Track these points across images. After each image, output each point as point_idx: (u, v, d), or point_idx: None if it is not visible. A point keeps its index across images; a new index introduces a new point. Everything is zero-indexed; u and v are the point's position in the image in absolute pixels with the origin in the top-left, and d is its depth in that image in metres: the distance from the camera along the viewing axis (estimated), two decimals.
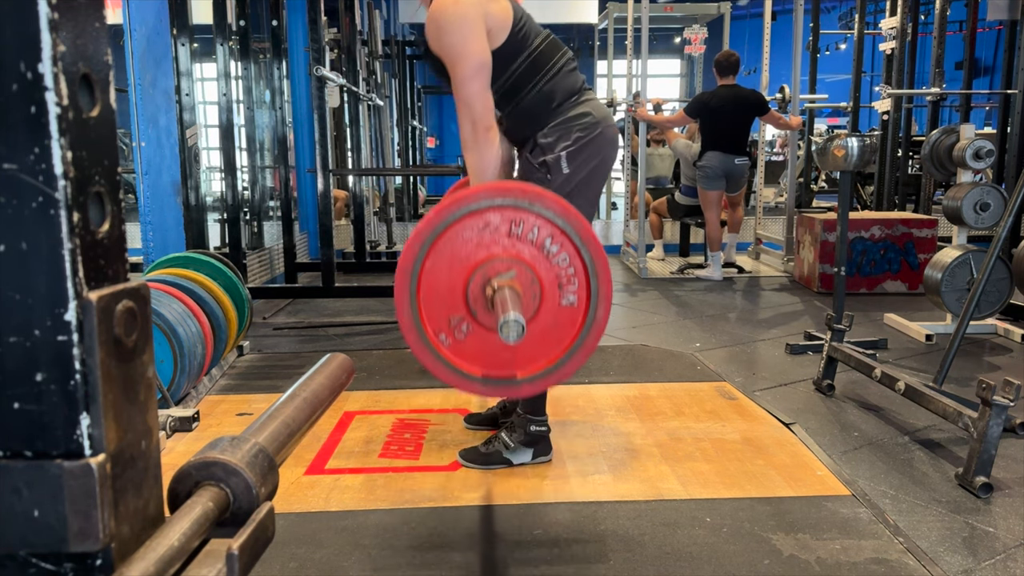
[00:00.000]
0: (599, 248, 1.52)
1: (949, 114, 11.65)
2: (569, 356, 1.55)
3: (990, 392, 2.02)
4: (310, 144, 5.77)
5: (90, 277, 0.49)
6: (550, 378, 1.56)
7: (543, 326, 1.54)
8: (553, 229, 1.50)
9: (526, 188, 1.51)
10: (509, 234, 1.50)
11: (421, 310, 1.52)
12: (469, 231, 1.50)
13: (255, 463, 0.63)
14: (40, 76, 0.46)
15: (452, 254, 1.50)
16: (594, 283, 1.52)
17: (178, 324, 2.50)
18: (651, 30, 5.81)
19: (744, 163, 5.37)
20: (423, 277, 1.51)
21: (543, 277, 1.51)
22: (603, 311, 1.53)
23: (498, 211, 1.49)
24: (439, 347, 1.54)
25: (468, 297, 1.51)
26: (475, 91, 1.89)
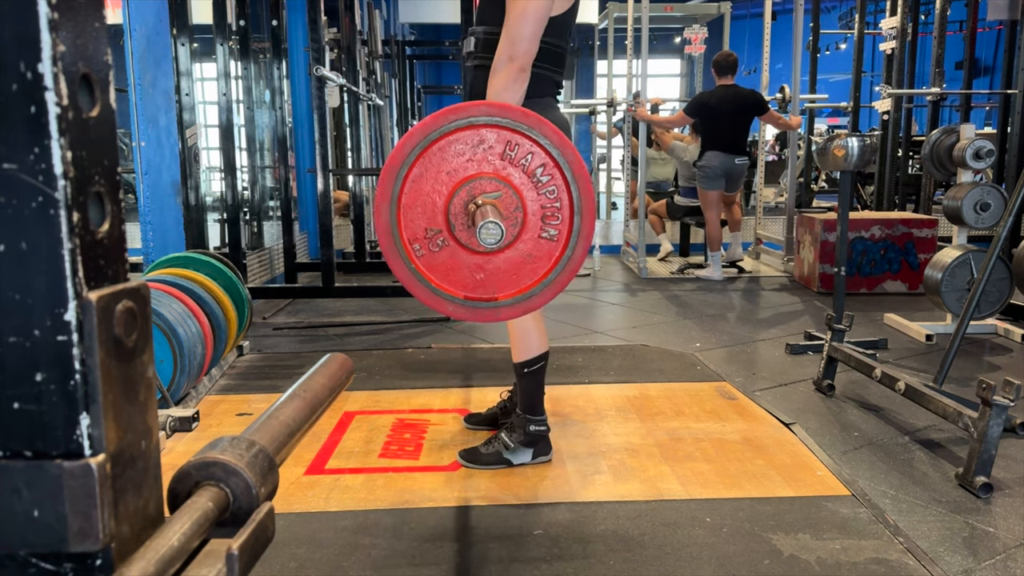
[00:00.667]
0: (589, 186, 1.49)
1: (949, 114, 11.65)
2: (540, 288, 1.52)
3: (990, 392, 2.02)
4: (310, 144, 5.78)
5: (90, 277, 0.49)
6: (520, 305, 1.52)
7: (519, 255, 1.51)
8: (547, 158, 1.47)
9: (528, 112, 1.47)
10: (503, 155, 1.47)
11: (400, 215, 1.49)
12: (463, 144, 1.47)
13: (255, 463, 0.63)
14: (40, 76, 0.46)
15: (441, 165, 1.47)
16: (577, 220, 1.50)
17: (178, 324, 2.50)
18: (651, 30, 5.81)
19: (744, 163, 5.38)
20: (408, 183, 1.48)
21: (527, 206, 1.49)
22: (580, 250, 1.51)
23: (496, 129, 1.46)
24: (411, 256, 1.51)
25: (450, 211, 1.48)
26: (528, 31, 1.86)
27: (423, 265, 1.52)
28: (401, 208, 1.49)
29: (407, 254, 1.51)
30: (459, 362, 3.30)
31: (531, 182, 1.49)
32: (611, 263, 6.39)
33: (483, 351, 3.48)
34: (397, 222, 1.49)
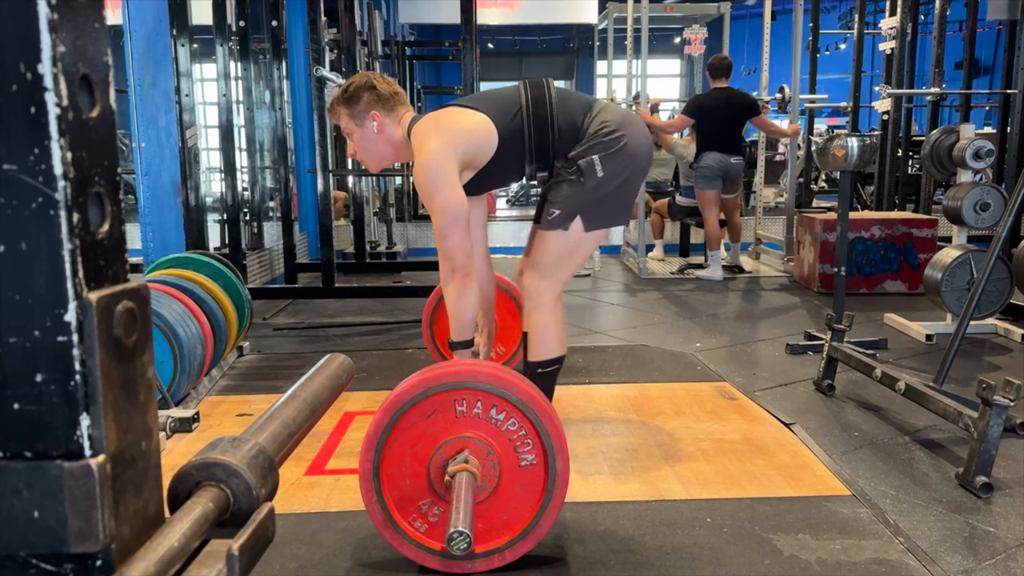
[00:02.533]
0: (542, 406, 1.58)
1: (949, 114, 11.65)
2: (542, 512, 1.61)
3: (990, 392, 2.02)
4: (310, 144, 5.78)
5: (90, 278, 0.49)
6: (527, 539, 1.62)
7: (511, 489, 1.61)
8: (494, 399, 1.57)
9: (458, 369, 1.59)
10: (456, 414, 1.58)
11: (390, 505, 1.60)
12: (416, 421, 1.58)
13: (255, 464, 0.63)
14: (40, 77, 0.46)
15: (405, 447, 1.59)
16: (546, 439, 1.59)
17: (178, 325, 2.50)
18: (651, 30, 5.81)
19: (739, 162, 5.41)
20: (384, 474, 1.59)
21: (496, 445, 1.59)
22: (562, 463, 1.60)
23: (436, 397, 1.57)
24: (415, 535, 1.61)
25: (431, 481, 1.59)
26: (454, 243, 2.03)
27: (427, 537, 1.62)
28: (388, 499, 1.60)
29: (411, 534, 1.61)
30: None
31: (491, 425, 1.59)
32: (611, 263, 6.40)
33: None
34: (390, 512, 1.60)
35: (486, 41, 17.18)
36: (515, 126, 2.12)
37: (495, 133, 2.10)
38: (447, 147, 2.03)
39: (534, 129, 2.12)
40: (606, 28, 7.90)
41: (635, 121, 2.19)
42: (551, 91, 2.17)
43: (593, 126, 2.13)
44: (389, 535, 1.60)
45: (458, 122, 2.10)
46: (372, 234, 6.64)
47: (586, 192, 2.12)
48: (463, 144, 2.06)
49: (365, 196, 5.98)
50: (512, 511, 1.61)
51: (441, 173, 2.00)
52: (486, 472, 1.57)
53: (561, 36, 18.31)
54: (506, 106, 2.14)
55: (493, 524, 1.61)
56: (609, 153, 2.10)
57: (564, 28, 17.36)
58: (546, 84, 2.19)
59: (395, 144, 2.18)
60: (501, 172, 2.18)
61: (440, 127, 2.08)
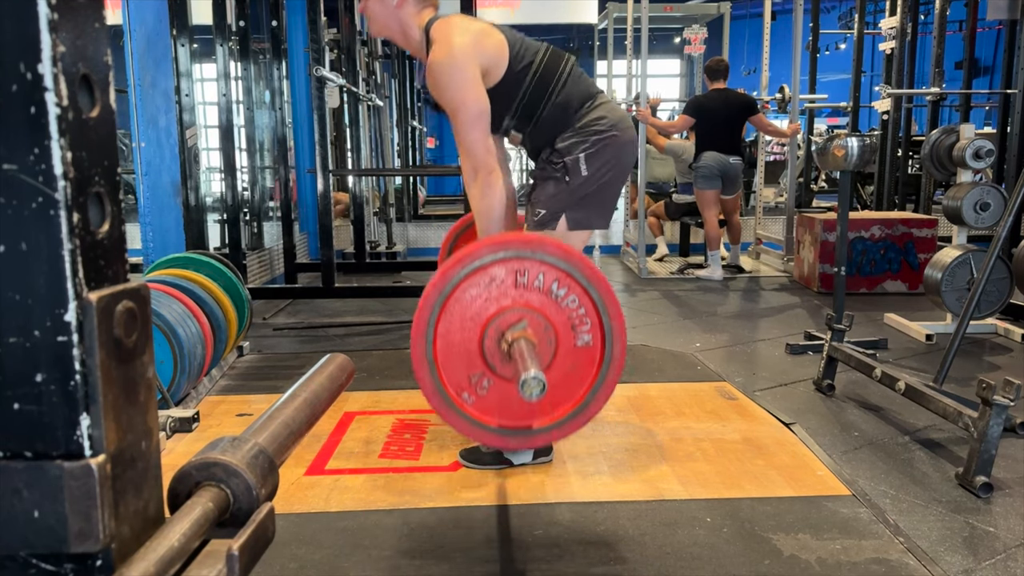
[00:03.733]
0: (606, 285, 1.53)
1: (949, 114, 11.64)
2: (592, 395, 1.56)
3: (990, 392, 2.02)
4: (310, 145, 5.77)
5: (90, 278, 0.49)
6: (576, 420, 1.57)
7: (563, 369, 1.55)
8: (558, 273, 1.51)
9: (526, 237, 1.54)
10: (516, 285, 1.52)
11: (441, 373, 1.54)
12: (476, 288, 1.52)
13: (255, 464, 0.63)
14: (40, 76, 0.46)
15: (462, 313, 1.53)
16: (606, 320, 1.53)
17: (178, 325, 2.50)
18: (651, 30, 5.81)
19: (738, 162, 5.42)
20: (438, 340, 1.53)
21: (555, 321, 1.53)
22: (619, 348, 1.54)
23: (501, 264, 1.51)
24: (463, 406, 1.56)
25: (485, 353, 1.53)
26: (475, 138, 1.97)
27: (476, 410, 1.56)
28: (440, 365, 1.53)
29: (459, 406, 1.55)
30: None
31: (550, 299, 1.53)
32: (611, 263, 6.40)
33: None
34: (440, 380, 1.54)
35: None
36: (519, 76, 2.07)
37: (505, 66, 2.05)
38: (473, 47, 1.97)
39: (532, 90, 2.08)
40: (606, 28, 7.89)
41: (629, 125, 2.17)
42: (567, 68, 2.13)
43: (588, 117, 2.10)
44: (436, 403, 1.54)
45: (484, 31, 2.05)
46: (372, 234, 6.64)
47: (571, 191, 2.10)
48: (485, 53, 2.01)
49: (365, 196, 5.98)
50: (561, 391, 1.55)
51: (464, 70, 1.95)
52: (541, 348, 1.50)
53: (561, 36, 18.31)
54: (524, 52, 2.09)
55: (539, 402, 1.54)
56: (595, 151, 2.08)
57: (564, 28, 17.35)
58: (566, 60, 2.15)
59: (406, 28, 2.09)
60: None
61: (466, 29, 2.01)
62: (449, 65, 1.95)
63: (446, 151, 17.91)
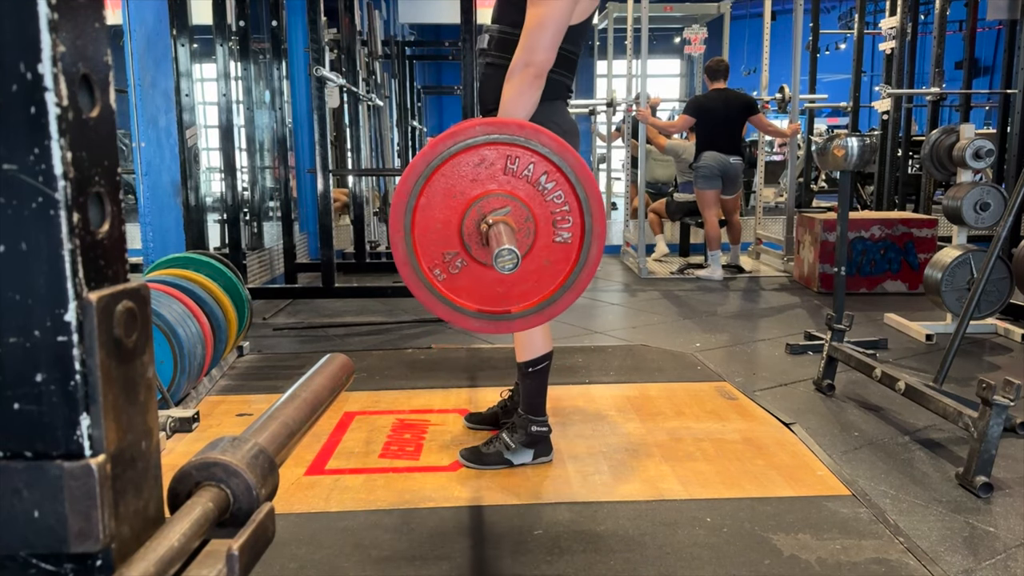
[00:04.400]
0: (594, 186, 1.51)
1: (949, 114, 11.65)
2: (561, 292, 1.54)
3: (990, 392, 2.02)
4: (310, 144, 5.77)
5: (90, 278, 0.49)
6: (542, 314, 1.54)
7: (537, 262, 1.53)
8: (549, 166, 1.48)
9: (523, 124, 1.50)
10: (505, 170, 1.49)
11: (416, 245, 1.51)
12: (465, 166, 1.48)
13: (255, 464, 0.63)
14: (40, 77, 0.46)
15: (447, 189, 1.49)
16: (588, 221, 1.51)
17: (178, 325, 2.50)
18: (651, 30, 5.81)
19: (739, 162, 5.42)
20: (418, 212, 1.49)
21: (537, 214, 1.50)
22: (596, 249, 1.52)
23: (494, 146, 1.47)
24: (433, 281, 1.53)
25: (463, 232, 1.50)
26: (546, 40, 1.86)
27: (445, 288, 1.54)
28: (416, 237, 1.51)
29: (429, 280, 1.53)
30: (459, 362, 3.30)
31: (536, 191, 1.50)
32: (611, 263, 6.39)
33: (483, 351, 3.48)
34: (415, 251, 1.51)
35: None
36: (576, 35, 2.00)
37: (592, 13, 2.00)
38: None
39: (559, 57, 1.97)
40: (606, 28, 7.90)
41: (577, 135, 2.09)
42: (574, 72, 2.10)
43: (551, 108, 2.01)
44: (406, 272, 1.52)
45: None
46: (372, 234, 6.64)
47: None
48: None
49: (365, 196, 5.98)
50: (531, 283, 1.54)
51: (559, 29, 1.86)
52: (519, 237, 1.48)
53: None
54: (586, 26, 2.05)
55: (508, 291, 1.54)
56: None
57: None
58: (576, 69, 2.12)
59: None
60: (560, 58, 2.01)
61: None
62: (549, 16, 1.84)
63: None
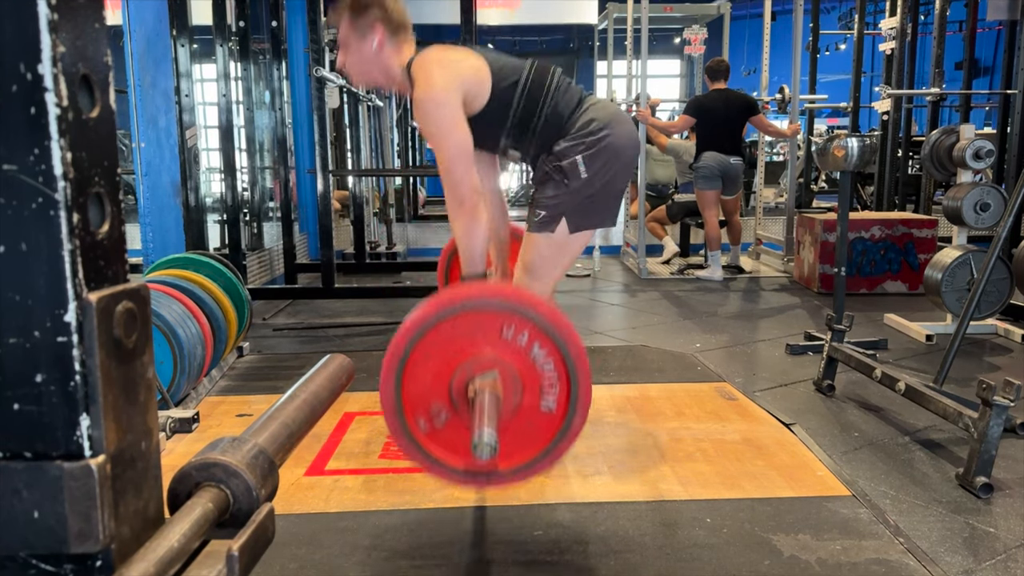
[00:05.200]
0: (584, 360, 1.56)
1: (949, 114, 11.65)
2: (541, 458, 1.58)
3: (990, 392, 2.02)
4: (310, 145, 5.78)
5: (90, 278, 0.49)
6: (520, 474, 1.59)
7: (519, 426, 1.58)
8: (542, 337, 1.54)
9: (521, 294, 1.57)
10: (500, 335, 1.55)
11: (404, 393, 1.57)
12: (462, 327, 1.55)
13: (255, 464, 0.63)
14: (40, 77, 0.46)
15: (442, 345, 1.56)
16: (575, 392, 1.56)
17: (178, 325, 2.50)
18: (651, 30, 5.81)
19: (739, 163, 5.41)
20: (410, 363, 1.56)
21: (526, 380, 1.56)
22: (579, 420, 1.57)
23: (492, 313, 1.54)
24: (415, 430, 1.58)
25: (451, 389, 1.56)
26: (460, 174, 1.99)
27: (426, 438, 1.59)
28: (406, 385, 1.56)
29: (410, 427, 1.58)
30: None
31: (528, 359, 1.56)
32: (611, 263, 6.39)
33: None
34: (402, 399, 1.56)
35: (486, 41, 17.18)
36: (507, 94, 2.09)
37: (489, 89, 2.08)
38: (454, 81, 2.00)
39: (523, 106, 2.10)
40: (606, 28, 7.89)
41: (623, 119, 2.17)
42: (554, 79, 2.15)
43: (580, 120, 2.12)
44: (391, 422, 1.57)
45: (463, 61, 2.08)
46: (372, 234, 6.64)
47: (571, 193, 2.11)
48: (466, 83, 2.04)
49: (365, 196, 5.97)
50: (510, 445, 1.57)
51: (447, 107, 1.98)
52: (505, 400, 1.53)
53: (561, 36, 18.32)
54: (507, 72, 2.11)
55: None
56: (592, 152, 2.09)
57: (564, 28, 17.36)
58: (552, 72, 2.17)
59: (388, 70, 2.13)
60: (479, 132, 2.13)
61: (445, 63, 2.04)
62: (431, 102, 1.98)
63: None
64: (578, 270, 5.87)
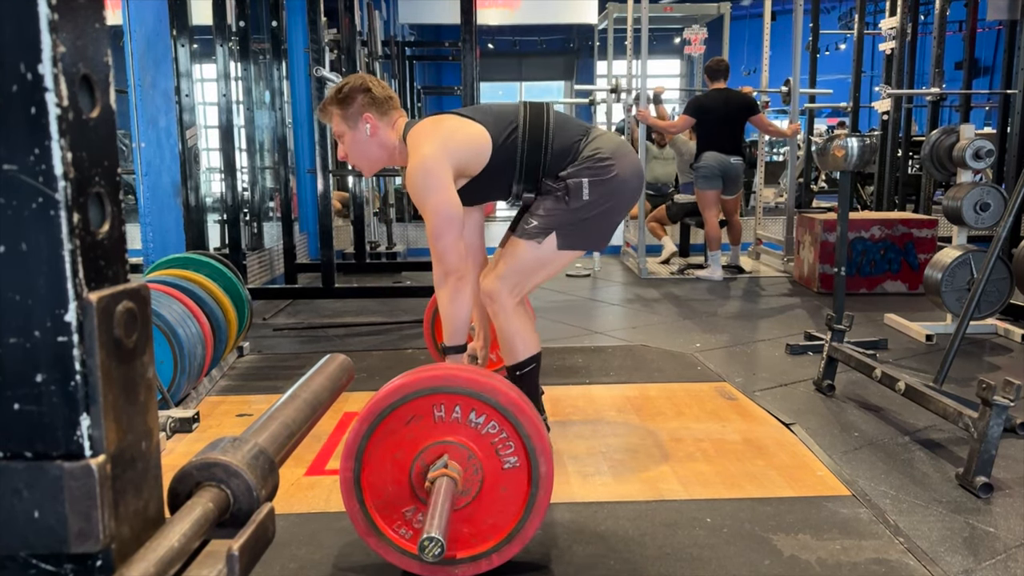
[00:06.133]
0: (522, 407, 1.56)
1: (949, 114, 11.65)
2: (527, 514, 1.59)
3: (990, 392, 2.02)
4: (310, 145, 5.78)
5: (90, 278, 0.49)
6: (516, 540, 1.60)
7: (496, 492, 1.59)
8: (473, 403, 1.55)
9: (434, 373, 1.57)
10: (435, 420, 1.56)
11: (373, 513, 1.58)
12: (395, 427, 1.56)
13: (255, 464, 0.63)
14: (40, 77, 0.46)
15: (385, 453, 1.57)
16: (528, 442, 1.56)
17: (178, 325, 2.50)
18: (651, 30, 5.81)
19: (739, 162, 5.41)
20: (365, 481, 1.57)
21: (478, 450, 1.57)
22: (546, 466, 1.57)
23: (414, 402, 1.55)
24: (401, 542, 1.59)
25: (413, 488, 1.57)
26: (447, 244, 2.03)
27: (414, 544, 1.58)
28: (371, 506, 1.58)
29: (395, 541, 1.59)
30: None
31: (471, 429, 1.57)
32: (611, 263, 6.39)
33: None
34: (373, 519, 1.58)
35: (486, 41, 17.18)
36: (509, 143, 2.13)
37: (490, 145, 2.11)
38: (442, 151, 2.03)
39: (527, 150, 2.13)
40: (606, 28, 7.89)
41: (627, 152, 2.20)
42: (550, 116, 2.18)
43: (587, 151, 2.15)
44: (373, 542, 1.59)
45: (455, 128, 2.11)
46: (372, 234, 6.64)
47: (568, 211, 2.13)
48: (458, 151, 2.07)
49: (365, 196, 5.97)
50: (497, 515, 1.60)
51: (435, 176, 2.01)
52: (468, 476, 1.55)
53: (561, 36, 18.32)
54: (504, 122, 2.14)
55: (479, 528, 1.60)
56: (598, 180, 2.12)
57: (564, 28, 17.35)
58: (546, 109, 2.20)
59: (388, 147, 2.17)
60: (488, 186, 2.18)
61: (436, 132, 2.09)
62: (420, 173, 2.01)
63: None
64: (578, 270, 5.87)
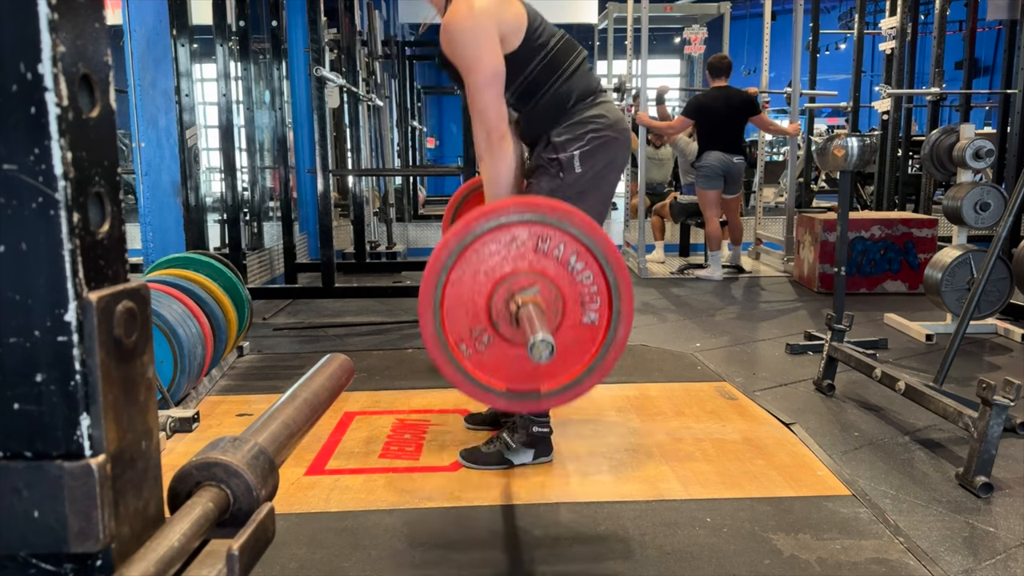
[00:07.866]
0: (623, 268, 1.52)
1: (949, 114, 11.65)
2: (588, 373, 1.55)
3: (990, 392, 2.02)
4: (310, 144, 5.77)
5: (90, 278, 0.49)
6: (568, 393, 1.56)
7: (563, 342, 1.54)
8: (579, 247, 1.51)
9: (555, 205, 1.52)
10: (535, 249, 1.51)
11: (444, 320, 1.53)
12: (496, 244, 1.51)
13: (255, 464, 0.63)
14: (40, 77, 0.46)
15: (477, 266, 1.51)
16: (616, 303, 1.52)
17: (178, 325, 2.50)
18: (651, 30, 5.81)
19: (741, 162, 5.40)
20: (448, 288, 1.52)
21: (566, 294, 1.52)
22: (623, 330, 1.54)
23: (526, 226, 1.50)
24: (460, 358, 1.54)
25: (491, 310, 1.52)
26: (489, 100, 1.92)
27: (472, 364, 1.55)
28: (444, 312, 1.53)
29: (456, 356, 1.54)
30: None
31: (566, 271, 1.52)
32: None
33: None
34: (442, 326, 1.53)
35: None
36: (531, 53, 2.03)
37: (521, 40, 2.01)
38: (495, 9, 1.93)
39: (539, 71, 2.04)
40: (606, 28, 7.89)
41: (625, 127, 2.16)
42: (577, 59, 2.10)
43: (587, 112, 2.08)
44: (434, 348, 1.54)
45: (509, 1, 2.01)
46: (372, 234, 6.64)
47: (564, 186, 2.09)
48: (504, 21, 1.96)
49: (365, 196, 5.97)
50: (558, 362, 1.53)
51: (485, 30, 1.91)
52: (547, 316, 1.49)
53: None
54: (539, 33, 2.05)
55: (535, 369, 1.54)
56: (589, 149, 2.06)
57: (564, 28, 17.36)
58: (578, 52, 2.13)
59: None
60: None
61: None
62: (469, 22, 1.89)
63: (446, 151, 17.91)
64: None
